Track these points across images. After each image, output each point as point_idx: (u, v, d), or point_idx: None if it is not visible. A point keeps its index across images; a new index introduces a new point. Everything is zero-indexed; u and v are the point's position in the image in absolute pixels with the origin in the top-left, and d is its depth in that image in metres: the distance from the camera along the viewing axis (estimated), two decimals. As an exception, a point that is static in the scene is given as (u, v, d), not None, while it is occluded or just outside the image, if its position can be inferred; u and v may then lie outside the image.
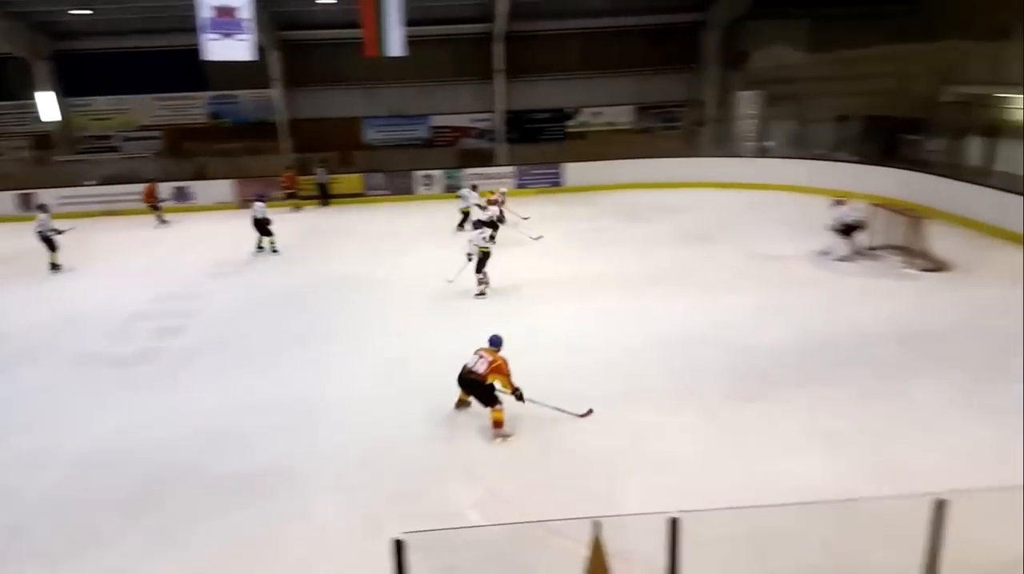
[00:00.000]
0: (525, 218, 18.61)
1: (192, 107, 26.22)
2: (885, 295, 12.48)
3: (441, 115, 26.36)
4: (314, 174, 23.51)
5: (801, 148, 23.14)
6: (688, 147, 24.64)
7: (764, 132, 24.10)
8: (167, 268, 16.36)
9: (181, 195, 23.14)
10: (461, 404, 8.75)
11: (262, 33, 22.25)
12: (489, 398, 8.12)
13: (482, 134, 26.46)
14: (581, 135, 26.36)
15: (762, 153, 23.70)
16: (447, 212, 20.64)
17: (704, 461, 7.53)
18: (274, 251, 17.18)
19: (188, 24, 20.57)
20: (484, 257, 13.12)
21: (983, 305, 11.64)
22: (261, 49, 22.73)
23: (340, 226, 20.35)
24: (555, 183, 23.72)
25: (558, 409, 8.35)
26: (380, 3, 17.57)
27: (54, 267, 16.12)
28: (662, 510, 4.00)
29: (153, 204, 21.20)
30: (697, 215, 19.24)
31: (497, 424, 8.09)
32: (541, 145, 26.05)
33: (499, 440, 8.06)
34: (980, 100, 21.26)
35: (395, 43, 17.95)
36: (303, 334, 11.80)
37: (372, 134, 26.53)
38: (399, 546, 3.93)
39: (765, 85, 23.99)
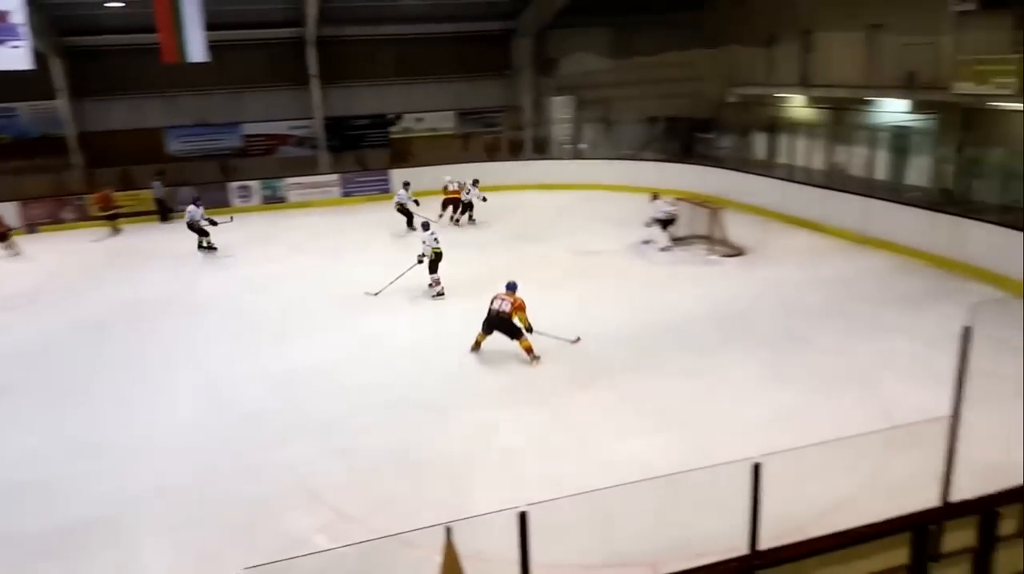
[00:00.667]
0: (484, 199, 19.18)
1: (-39, 123, 23.07)
2: (694, 281, 13.63)
3: (254, 123, 25.11)
4: (150, 188, 21.85)
5: (612, 149, 24.61)
6: (510, 151, 25.33)
7: (578, 135, 25.35)
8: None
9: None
10: (477, 346, 10.49)
11: (41, 39, 20.07)
12: (515, 332, 10.04)
13: (301, 142, 25.55)
14: (406, 141, 26.26)
15: (578, 155, 24.91)
16: (269, 225, 19.81)
17: (546, 453, 7.83)
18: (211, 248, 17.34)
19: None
20: (436, 258, 13.24)
21: (778, 284, 13.03)
22: (41, 57, 20.52)
23: (145, 246, 18.75)
24: (383, 190, 23.45)
25: (556, 337, 10.36)
26: (177, 7, 16.41)
27: None
28: (510, 505, 4.12)
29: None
30: (523, 216, 19.86)
31: (529, 350, 10.03)
32: (365, 152, 25.65)
33: (535, 362, 9.97)
34: (759, 100, 23.80)
35: (196, 49, 16.85)
36: (108, 368, 10.78)
37: (177, 145, 24.70)
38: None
39: (575, 90, 25.24)
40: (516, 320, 10.03)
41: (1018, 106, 15.38)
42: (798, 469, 6.59)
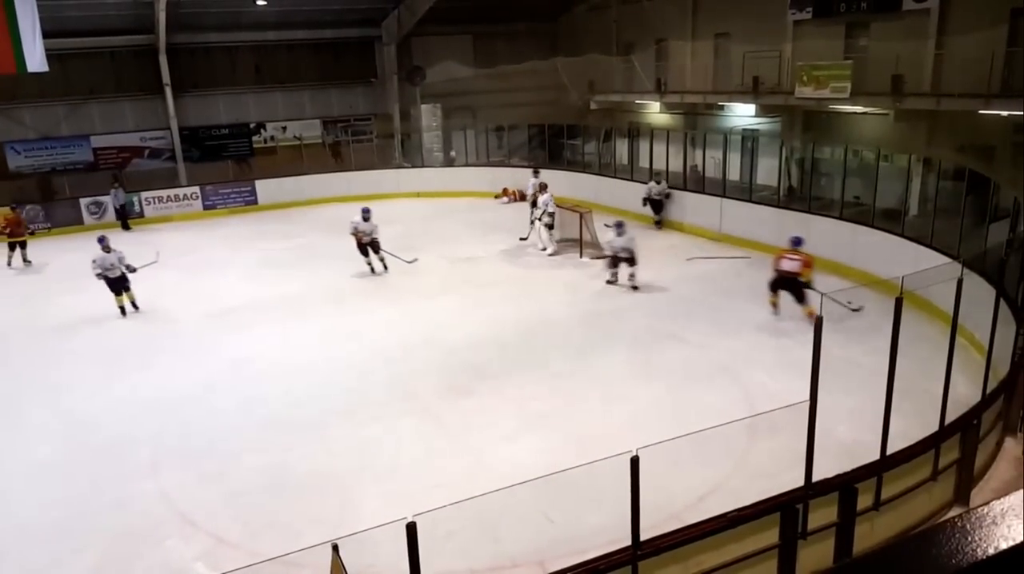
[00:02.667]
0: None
1: None
2: (567, 282, 14.05)
3: (104, 135, 23.44)
4: (109, 194, 20.57)
5: (480, 156, 24.91)
6: (380, 160, 25.09)
7: (447, 142, 25.48)
8: None
9: None
10: (775, 306, 11.06)
11: None
12: (802, 294, 10.37)
13: (156, 153, 24.10)
14: (271, 151, 25.38)
15: (448, 162, 25.03)
16: (125, 241, 18.60)
17: (430, 462, 7.86)
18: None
19: None
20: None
21: (646, 283, 13.64)
22: None
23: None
24: (248, 202, 22.58)
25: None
26: (11, 14, 15.06)
27: None
28: (397, 518, 4.14)
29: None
30: (396, 226, 19.66)
31: (811, 314, 10.05)
32: (228, 163, 24.57)
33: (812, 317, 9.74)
34: (620, 106, 24.86)
35: (34, 58, 15.56)
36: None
37: (19, 160, 22.65)
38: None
39: (443, 98, 25.36)
40: (802, 278, 10.36)
41: (852, 108, 16.99)
42: (673, 458, 6.98)
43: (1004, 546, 0.95)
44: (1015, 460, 7.44)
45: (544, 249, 15.98)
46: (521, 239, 16.74)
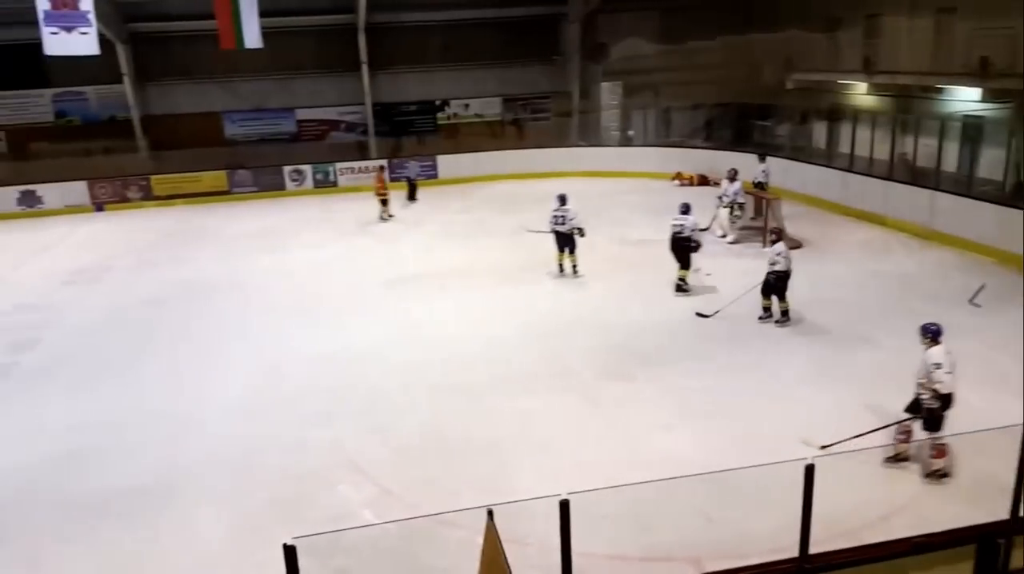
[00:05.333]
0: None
1: (35, 105, 24.05)
2: (746, 273, 13.24)
3: (307, 108, 25.50)
4: (404, 169, 22.42)
5: (660, 136, 24.18)
6: (557, 138, 25.16)
7: (626, 121, 24.97)
8: (17, 277, 14.97)
9: (29, 199, 21.19)
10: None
11: (108, 25, 20.71)
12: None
13: (351, 127, 25.83)
14: (453, 127, 26.30)
15: (625, 142, 24.55)
16: (320, 208, 20.09)
17: (585, 441, 7.74)
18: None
19: (19, 17, 18.84)
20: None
21: (835, 279, 12.61)
22: (109, 42, 21.17)
23: (203, 225, 19.25)
24: (430, 175, 23.55)
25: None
26: (234, -6, 16.71)
27: None
28: (550, 493, 4.06)
29: None
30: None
31: None
32: (413, 138, 25.78)
33: None
34: (820, 86, 23.06)
35: (252, 35, 17.16)
36: (165, 342, 11.18)
37: (234, 129, 25.25)
38: (291, 552, 3.77)
39: (624, 76, 24.85)
40: None
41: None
42: (849, 472, 6.38)
43: None
44: None
45: (723, 236, 15.21)
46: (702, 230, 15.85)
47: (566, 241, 12.91)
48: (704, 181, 20.81)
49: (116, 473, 7.49)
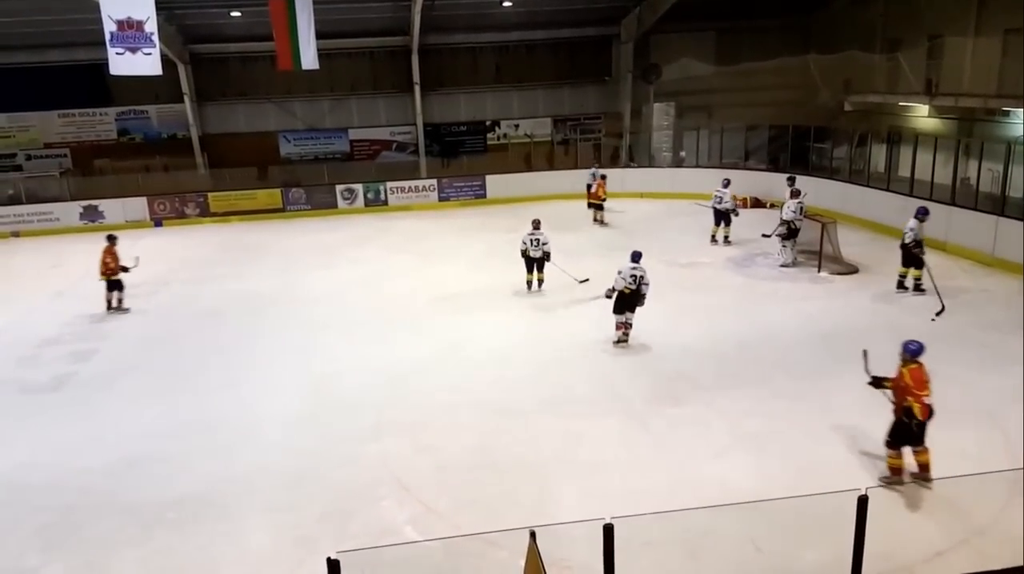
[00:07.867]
0: None
1: (99, 123, 25.13)
2: (800, 298, 12.97)
3: (360, 128, 26.04)
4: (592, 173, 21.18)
5: (712, 158, 23.90)
6: (606, 159, 25.06)
7: (677, 142, 24.77)
8: (79, 290, 15.51)
9: (91, 213, 22.07)
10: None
11: (170, 47, 21.55)
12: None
13: (402, 147, 26.26)
14: (502, 147, 26.49)
15: (677, 163, 24.34)
16: (370, 226, 20.39)
17: (633, 465, 7.62)
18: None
19: (86, 38, 19.74)
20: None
21: (892, 306, 12.22)
22: (171, 63, 22.02)
23: (258, 241, 19.73)
24: (478, 195, 23.73)
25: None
26: (292, 16, 17.19)
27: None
28: (595, 517, 3.99)
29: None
30: (617, 225, 19.58)
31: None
32: (462, 158, 26.06)
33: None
34: (879, 109, 22.54)
35: (308, 56, 17.61)
36: (220, 355, 11.43)
37: (289, 148, 25.92)
38: (334, 566, 3.78)
39: (677, 97, 24.71)
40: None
41: None
42: (906, 505, 6.13)
43: None
44: None
45: (775, 256, 14.91)
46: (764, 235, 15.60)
47: (538, 263, 13.60)
48: (758, 203, 20.49)
49: (171, 481, 7.67)
